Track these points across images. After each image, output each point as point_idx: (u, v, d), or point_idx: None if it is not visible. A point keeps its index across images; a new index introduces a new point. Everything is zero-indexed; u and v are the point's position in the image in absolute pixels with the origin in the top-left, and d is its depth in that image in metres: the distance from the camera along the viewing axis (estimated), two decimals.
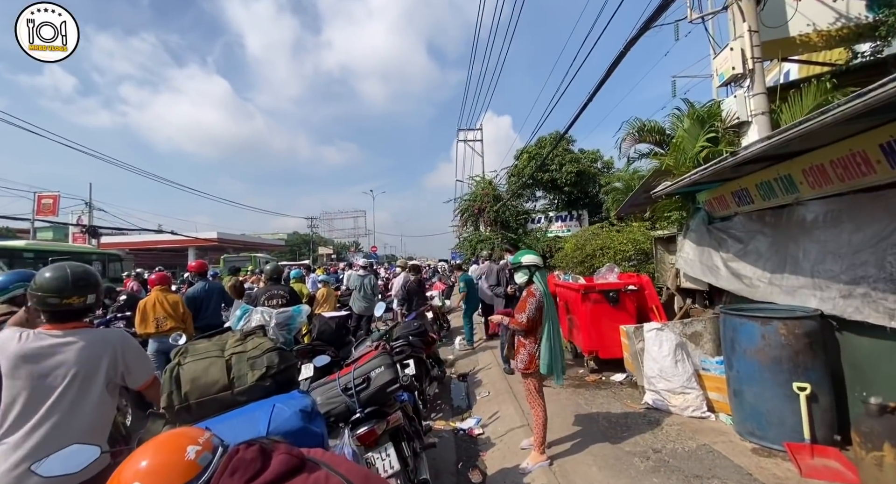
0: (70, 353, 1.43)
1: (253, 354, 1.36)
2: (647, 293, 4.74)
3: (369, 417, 2.19)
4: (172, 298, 4.12)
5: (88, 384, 1.45)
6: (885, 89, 1.52)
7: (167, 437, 0.84)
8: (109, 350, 1.49)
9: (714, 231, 4.21)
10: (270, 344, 1.40)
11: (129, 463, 0.76)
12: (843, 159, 2.54)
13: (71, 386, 1.41)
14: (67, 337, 1.45)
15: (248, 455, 0.79)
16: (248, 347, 1.39)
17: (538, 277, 2.91)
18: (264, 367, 1.33)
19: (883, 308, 2.33)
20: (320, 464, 0.87)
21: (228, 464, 0.77)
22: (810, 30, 5.26)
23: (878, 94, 1.56)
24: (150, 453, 0.77)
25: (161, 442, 0.81)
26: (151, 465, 0.74)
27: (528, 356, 2.84)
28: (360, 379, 2.21)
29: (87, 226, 23.45)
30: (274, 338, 3.82)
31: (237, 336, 1.45)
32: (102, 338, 1.51)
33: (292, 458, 0.83)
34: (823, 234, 2.82)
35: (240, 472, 0.76)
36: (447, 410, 4.37)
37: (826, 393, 2.59)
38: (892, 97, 1.53)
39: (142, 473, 0.73)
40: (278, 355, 1.39)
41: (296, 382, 1.40)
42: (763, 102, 4.83)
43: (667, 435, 3.07)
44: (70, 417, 1.40)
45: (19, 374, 1.36)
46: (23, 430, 1.33)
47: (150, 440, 0.83)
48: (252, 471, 0.77)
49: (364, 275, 7.19)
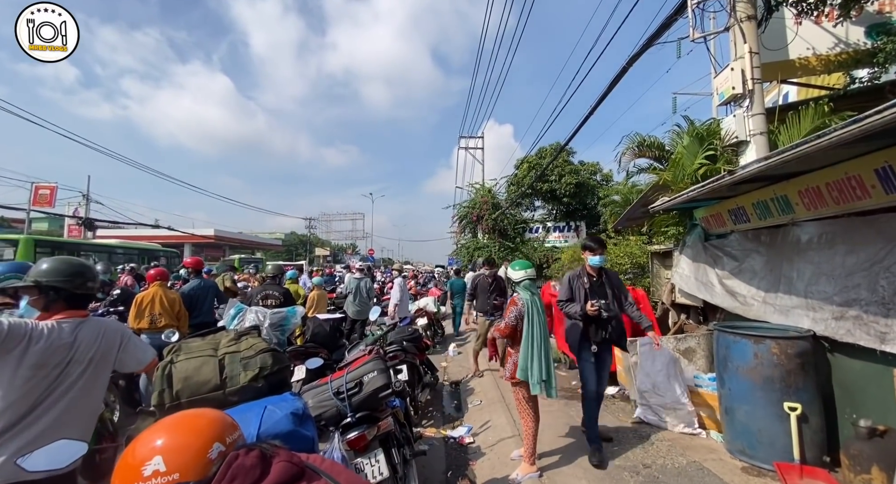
0: (88, 338, 1.48)
1: (246, 354, 1.36)
2: (641, 307, 4.73)
3: (360, 421, 2.17)
4: (171, 296, 4.09)
5: (100, 370, 1.50)
6: (882, 116, 1.56)
7: (203, 417, 0.81)
8: (119, 337, 1.52)
9: (710, 248, 4.24)
10: (264, 345, 1.40)
11: (159, 432, 0.74)
12: (838, 182, 2.58)
13: (86, 371, 1.46)
14: (84, 324, 1.49)
15: (248, 461, 0.76)
16: (241, 347, 1.39)
17: (522, 288, 2.93)
18: (257, 367, 1.32)
19: (874, 331, 2.35)
20: (320, 473, 0.84)
21: (227, 471, 0.74)
22: (810, 54, 5.36)
23: (874, 120, 1.59)
24: (182, 430, 0.75)
25: (194, 421, 0.78)
26: (179, 444, 0.73)
27: (513, 365, 2.84)
28: (353, 383, 2.20)
29: (84, 218, 23.36)
30: (267, 338, 3.82)
31: (231, 336, 1.45)
32: (111, 326, 1.54)
33: (292, 466, 0.80)
34: (818, 256, 2.85)
35: (238, 480, 0.73)
36: (438, 418, 4.34)
37: (816, 414, 2.60)
38: (889, 124, 1.56)
39: (167, 449, 0.72)
40: (272, 356, 1.38)
41: (288, 384, 1.40)
42: (762, 123, 4.90)
43: (657, 450, 3.06)
44: (82, 401, 1.43)
45: (50, 361, 1.38)
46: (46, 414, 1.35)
47: (187, 413, 0.81)
48: (251, 479, 0.74)
49: (360, 278, 7.18)
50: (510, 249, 15.60)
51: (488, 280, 5.73)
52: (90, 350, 1.45)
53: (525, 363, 2.78)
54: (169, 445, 0.72)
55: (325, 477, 0.84)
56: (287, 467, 0.79)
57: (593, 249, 3.16)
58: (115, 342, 1.52)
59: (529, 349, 2.80)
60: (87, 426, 1.40)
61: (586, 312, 2.94)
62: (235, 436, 0.80)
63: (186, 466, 0.71)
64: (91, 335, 1.47)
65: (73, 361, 1.41)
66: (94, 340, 1.47)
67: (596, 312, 2.91)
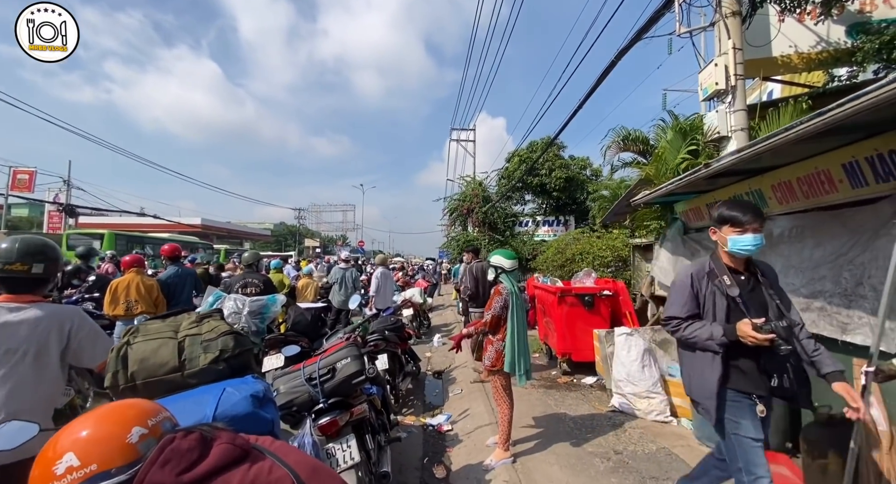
0: (24, 326, 1.42)
1: (208, 336, 1.34)
2: (621, 299, 4.83)
3: (333, 407, 2.18)
4: (148, 282, 4.03)
5: (44, 359, 1.44)
6: (843, 109, 1.59)
7: (118, 407, 0.77)
8: (57, 326, 1.47)
9: (689, 241, 4.32)
10: (226, 327, 1.38)
11: (71, 428, 0.71)
12: (808, 177, 2.63)
13: (25, 359, 1.40)
14: (23, 310, 1.43)
15: (185, 444, 0.74)
16: (203, 329, 1.37)
17: (506, 278, 2.95)
18: (218, 350, 1.31)
19: (836, 322, 2.43)
20: (266, 453, 0.83)
21: (160, 454, 0.71)
22: (792, 51, 5.44)
23: (836, 113, 1.62)
24: (92, 422, 0.72)
25: (108, 412, 0.74)
26: (90, 436, 0.69)
27: (495, 353, 2.87)
28: (326, 369, 2.21)
29: (65, 204, 22.78)
30: (246, 326, 3.78)
31: (193, 318, 1.43)
32: (53, 313, 1.49)
33: (234, 447, 0.79)
34: (787, 249, 2.92)
35: (172, 463, 0.71)
36: (419, 406, 4.38)
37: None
38: (850, 116, 1.59)
39: (79, 443, 0.68)
40: (234, 339, 1.37)
41: (251, 368, 1.39)
42: (743, 119, 4.98)
43: (629, 437, 3.13)
44: (31, 389, 1.39)
45: None
46: None
47: (101, 407, 0.77)
48: (186, 462, 0.72)
49: (346, 268, 7.15)
50: (500, 242, 15.66)
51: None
52: (28, 338, 1.41)
53: (512, 357, 2.82)
54: (80, 439, 0.69)
55: (270, 457, 0.83)
56: (228, 449, 0.77)
57: (743, 223, 1.72)
58: (58, 332, 1.46)
59: (515, 342, 2.83)
60: (41, 415, 1.37)
61: (742, 339, 1.60)
62: (159, 418, 0.77)
63: (103, 455, 0.68)
64: (30, 323, 1.42)
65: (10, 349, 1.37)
66: (32, 328, 1.42)
67: (769, 342, 1.58)
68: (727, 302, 1.75)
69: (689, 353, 1.87)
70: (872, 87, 1.45)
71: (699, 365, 1.81)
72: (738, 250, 1.74)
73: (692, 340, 1.77)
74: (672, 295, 1.90)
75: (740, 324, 1.64)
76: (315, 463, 0.89)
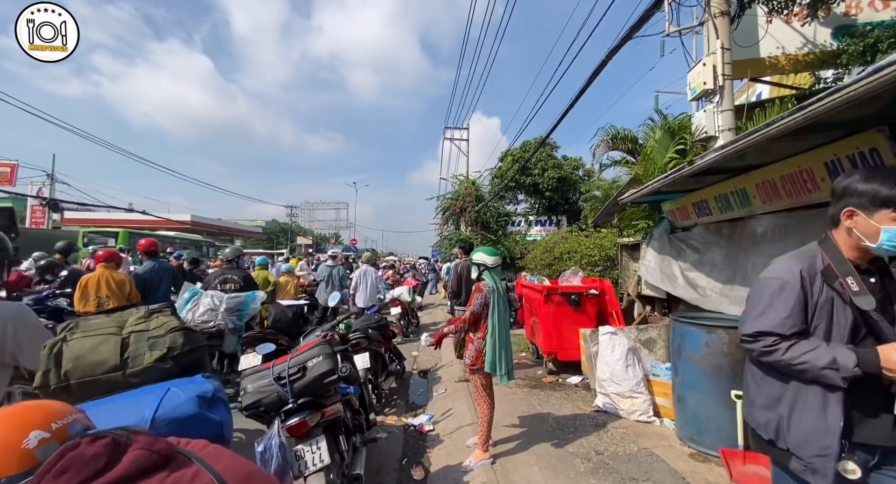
0: None
1: (155, 333, 1.26)
2: (607, 298, 4.80)
3: (303, 408, 2.10)
4: (119, 277, 3.90)
5: None
6: (823, 103, 1.55)
7: (19, 409, 0.70)
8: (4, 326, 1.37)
9: (675, 240, 4.30)
10: (176, 323, 1.31)
11: None
12: (791, 176, 2.61)
13: None
14: None
15: (90, 450, 0.65)
16: (150, 325, 1.29)
17: (489, 275, 2.89)
18: (165, 347, 1.23)
19: None
20: (193, 459, 0.75)
21: (58, 461, 0.63)
22: (779, 53, 5.46)
23: (816, 107, 1.59)
24: None
25: (5, 415, 0.68)
26: None
27: (475, 352, 2.81)
28: (296, 368, 2.13)
29: (48, 199, 22.31)
30: (223, 323, 3.68)
31: (141, 313, 1.34)
32: None
33: (151, 453, 0.70)
34: (771, 249, 2.90)
35: (71, 472, 0.63)
36: (402, 406, 4.31)
37: None
38: (829, 111, 1.56)
39: None
40: (183, 336, 1.29)
41: (203, 366, 1.31)
42: (730, 119, 4.98)
43: (611, 438, 3.10)
44: None
45: None
46: None
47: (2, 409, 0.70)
48: (90, 471, 0.64)
49: (333, 265, 7.05)
50: (492, 241, 15.64)
51: None
52: None
53: (493, 356, 2.76)
54: None
55: (197, 463, 0.76)
56: (143, 456, 0.69)
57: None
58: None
59: (496, 340, 2.78)
60: None
61: (887, 372, 1.12)
62: (67, 421, 0.70)
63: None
64: None
65: None
66: None
67: None
68: (853, 315, 1.21)
69: (779, 383, 1.28)
70: (852, 81, 1.41)
71: (801, 404, 1.24)
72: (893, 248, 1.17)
73: (800, 367, 1.20)
74: (764, 299, 1.29)
75: (888, 349, 1.12)
76: (249, 469, 0.82)
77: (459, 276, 4.96)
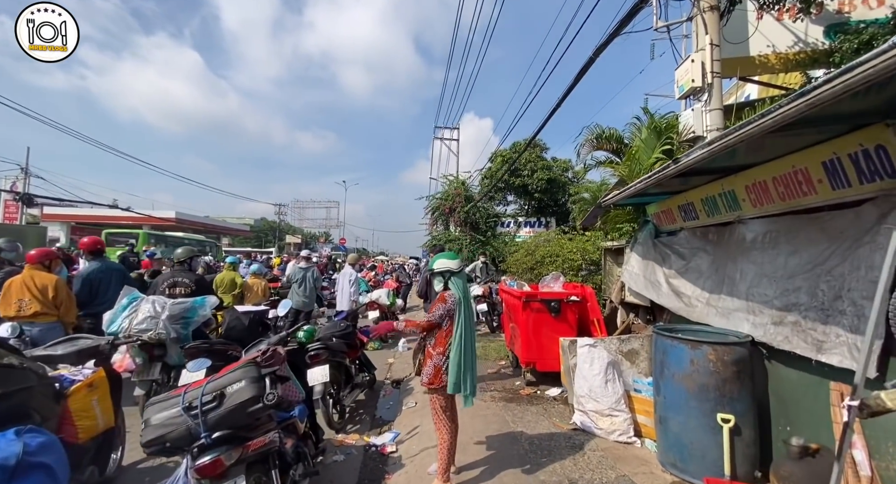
0: None
1: None
2: (589, 305, 4.54)
3: (220, 442, 1.78)
4: (43, 279, 3.47)
5: None
6: (832, 85, 1.29)
7: None
8: None
9: (659, 245, 4.06)
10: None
11: None
12: (785, 177, 2.37)
13: None
14: None
15: None
16: None
17: (454, 283, 2.59)
18: None
19: (811, 339, 2.16)
20: None
21: None
22: (769, 51, 5.26)
23: (822, 91, 1.32)
24: None
25: None
26: None
27: (433, 369, 2.50)
28: (211, 395, 1.80)
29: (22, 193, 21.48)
30: (164, 332, 3.32)
31: None
32: None
33: None
34: (761, 256, 2.66)
35: None
36: (367, 422, 3.99)
37: (750, 427, 2.41)
38: (838, 96, 1.29)
39: None
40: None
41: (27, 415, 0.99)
42: (719, 118, 4.76)
43: (588, 462, 2.82)
44: None
45: None
46: None
47: None
48: None
49: (306, 267, 6.70)
50: (481, 242, 15.42)
51: None
52: None
53: (457, 377, 2.46)
54: None
55: None
56: None
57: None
58: None
59: (461, 358, 2.47)
60: None
61: None
62: None
63: None
64: None
65: None
66: None
67: None
68: None
69: None
70: (870, 56, 1.15)
71: None
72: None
73: None
74: None
75: None
76: None
77: (427, 279, 4.69)
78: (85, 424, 2.19)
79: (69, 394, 2.16)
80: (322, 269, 14.09)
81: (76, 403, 2.18)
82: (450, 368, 2.47)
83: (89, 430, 2.21)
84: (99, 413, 2.29)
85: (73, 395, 2.18)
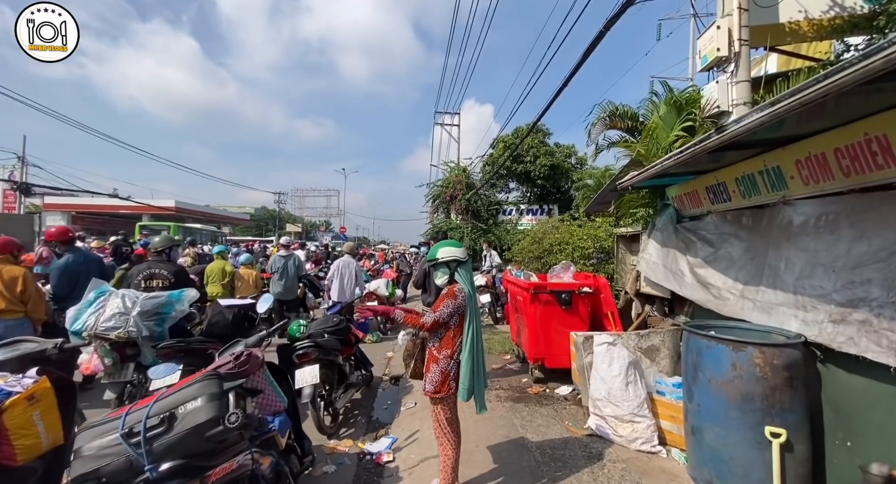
0: None
1: None
2: (602, 297, 4.20)
3: (169, 476, 1.45)
4: (10, 272, 3.16)
5: None
6: None
7: None
8: None
9: (682, 231, 3.68)
10: None
11: None
12: (852, 147, 1.97)
13: None
14: None
15: None
16: None
17: (461, 275, 2.23)
18: None
19: (887, 341, 1.80)
20: None
21: None
22: (801, 17, 4.78)
23: None
24: None
25: None
26: None
27: (440, 376, 2.17)
28: (158, 418, 1.46)
29: (19, 182, 21.12)
30: (134, 330, 2.98)
31: None
32: None
33: None
34: (814, 243, 2.28)
35: None
36: (362, 425, 3.68)
37: (803, 442, 2.07)
38: None
39: None
40: None
41: None
42: (746, 91, 4.29)
43: (608, 475, 2.50)
44: None
45: None
46: None
47: None
48: None
49: (287, 255, 6.36)
50: (483, 230, 15.08)
51: None
52: None
53: (471, 382, 2.16)
54: None
55: None
56: None
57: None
58: None
59: (474, 362, 2.17)
60: None
61: None
62: None
63: None
64: None
65: None
66: None
67: None
68: None
69: None
70: None
71: None
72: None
73: None
74: None
75: None
76: None
77: (426, 271, 4.36)
78: (24, 444, 1.85)
79: (4, 409, 1.83)
80: (319, 259, 13.74)
81: (13, 419, 1.84)
82: (462, 374, 2.15)
83: (30, 449, 1.88)
84: (42, 430, 1.95)
85: (9, 410, 1.84)
